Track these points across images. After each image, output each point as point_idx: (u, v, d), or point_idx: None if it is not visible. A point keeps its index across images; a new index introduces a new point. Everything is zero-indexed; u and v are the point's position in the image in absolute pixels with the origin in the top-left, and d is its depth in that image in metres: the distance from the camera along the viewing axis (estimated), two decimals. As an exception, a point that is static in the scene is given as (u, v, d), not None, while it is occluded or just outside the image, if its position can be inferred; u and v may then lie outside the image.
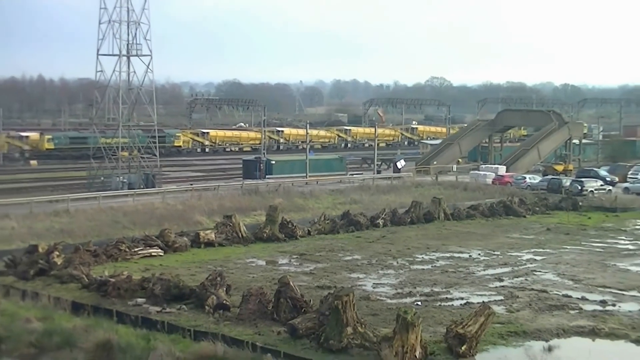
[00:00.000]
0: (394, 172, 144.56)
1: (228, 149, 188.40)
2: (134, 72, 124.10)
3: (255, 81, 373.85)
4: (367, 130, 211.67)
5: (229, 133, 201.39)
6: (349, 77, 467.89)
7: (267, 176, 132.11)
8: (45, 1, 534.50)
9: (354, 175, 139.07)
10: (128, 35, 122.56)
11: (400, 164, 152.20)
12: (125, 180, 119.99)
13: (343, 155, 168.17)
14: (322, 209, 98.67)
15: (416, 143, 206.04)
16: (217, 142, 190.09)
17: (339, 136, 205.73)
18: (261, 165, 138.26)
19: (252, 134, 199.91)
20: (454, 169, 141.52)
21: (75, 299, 59.04)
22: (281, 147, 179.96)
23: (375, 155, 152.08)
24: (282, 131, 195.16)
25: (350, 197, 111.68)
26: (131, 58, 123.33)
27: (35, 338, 50.33)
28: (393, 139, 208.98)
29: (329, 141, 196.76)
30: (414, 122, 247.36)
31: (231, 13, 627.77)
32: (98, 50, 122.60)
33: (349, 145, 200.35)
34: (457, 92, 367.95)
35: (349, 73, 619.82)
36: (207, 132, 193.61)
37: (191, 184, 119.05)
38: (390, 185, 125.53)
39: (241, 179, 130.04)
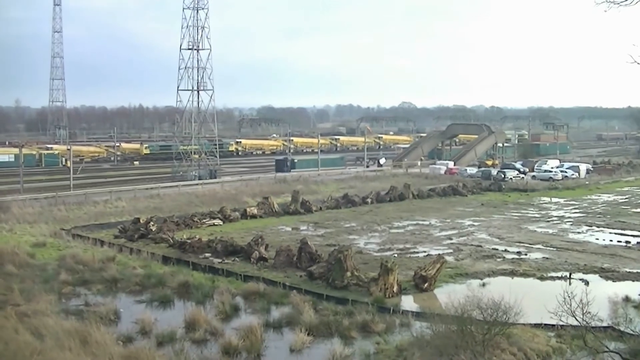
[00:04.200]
0: (377, 167, 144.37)
1: (255, 153, 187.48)
2: (202, 101, 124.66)
3: (283, 105, 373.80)
4: (352, 138, 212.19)
5: (255, 142, 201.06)
6: (347, 102, 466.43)
7: (291, 170, 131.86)
8: (146, 54, 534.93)
9: (350, 169, 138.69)
10: (197, 76, 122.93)
11: (382, 161, 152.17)
12: (196, 174, 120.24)
13: (343, 155, 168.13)
14: (328, 192, 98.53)
15: (392, 147, 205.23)
16: (247, 148, 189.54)
17: (331, 143, 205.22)
18: (288, 162, 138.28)
19: (271, 142, 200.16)
20: (419, 164, 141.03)
21: (164, 254, 59.23)
22: (291, 151, 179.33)
23: (365, 155, 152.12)
24: (292, 140, 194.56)
25: (348, 184, 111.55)
26: (200, 92, 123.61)
27: (139, 279, 50.52)
28: (374, 144, 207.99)
29: (325, 146, 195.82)
30: (390, 133, 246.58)
31: (269, 60, 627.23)
32: (178, 87, 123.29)
33: (337, 149, 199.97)
34: (419, 112, 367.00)
35: (347, 99, 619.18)
36: (240, 141, 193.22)
37: (241, 176, 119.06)
38: (375, 175, 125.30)
39: (274, 172, 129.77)
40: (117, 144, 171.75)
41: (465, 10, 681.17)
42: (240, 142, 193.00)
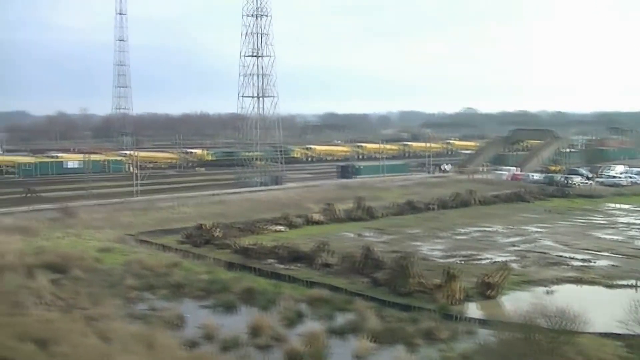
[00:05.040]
0: (441, 173, 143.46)
1: (324, 159, 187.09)
2: (265, 107, 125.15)
3: (346, 112, 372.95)
4: (422, 144, 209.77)
5: (325, 148, 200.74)
6: (409, 108, 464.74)
7: (355, 176, 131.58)
8: (209, 61, 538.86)
9: (414, 175, 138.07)
10: (259, 83, 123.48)
11: (446, 167, 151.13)
12: (260, 180, 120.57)
13: (406, 161, 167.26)
14: (392, 198, 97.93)
15: (454, 153, 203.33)
16: (319, 154, 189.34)
17: (400, 149, 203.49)
18: (352, 168, 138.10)
19: (341, 148, 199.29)
20: (482, 170, 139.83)
21: (228, 260, 59.45)
22: (361, 157, 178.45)
23: (429, 161, 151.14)
24: (363, 146, 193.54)
25: (412, 190, 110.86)
26: (262, 98, 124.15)
27: (204, 285, 50.85)
28: (439, 150, 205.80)
29: (395, 152, 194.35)
30: (453, 139, 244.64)
31: (332, 66, 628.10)
32: (240, 94, 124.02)
33: (408, 155, 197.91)
34: (482, 118, 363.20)
35: (409, 105, 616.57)
36: (312, 147, 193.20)
37: (304, 183, 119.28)
38: (439, 181, 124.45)
39: (338, 178, 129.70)
40: (191, 151, 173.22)
41: (528, 14, 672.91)
42: (311, 147, 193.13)
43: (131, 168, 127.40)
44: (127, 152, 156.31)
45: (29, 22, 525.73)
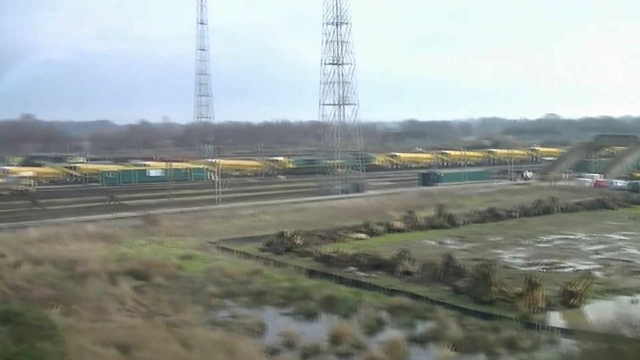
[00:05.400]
0: (523, 180, 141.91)
1: (408, 166, 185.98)
2: (346, 115, 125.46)
3: (427, 119, 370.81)
4: (506, 151, 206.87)
5: (410, 155, 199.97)
6: (490, 115, 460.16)
7: (436, 184, 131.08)
8: (290, 69, 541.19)
9: (495, 182, 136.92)
10: (340, 91, 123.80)
11: (528, 174, 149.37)
12: (341, 187, 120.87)
13: (488, 168, 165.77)
14: (474, 205, 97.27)
15: (538, 159, 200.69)
16: (403, 161, 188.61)
17: (484, 155, 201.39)
18: (433, 176, 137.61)
19: (425, 155, 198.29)
20: (565, 177, 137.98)
21: (309, 267, 59.60)
22: (445, 164, 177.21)
23: (511, 168, 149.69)
24: (447, 153, 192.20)
25: (494, 197, 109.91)
26: (343, 106, 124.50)
27: (284, 292, 51.10)
28: (523, 157, 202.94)
29: (479, 159, 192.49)
30: (535, 145, 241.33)
31: (412, 73, 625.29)
32: (321, 101, 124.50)
33: (492, 162, 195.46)
34: (564, 124, 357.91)
35: (490, 112, 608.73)
36: (397, 155, 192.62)
37: (386, 190, 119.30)
38: (521, 188, 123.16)
39: (419, 185, 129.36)
40: (276, 159, 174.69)
41: (611, 16, 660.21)
42: (396, 155, 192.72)
43: (213, 176, 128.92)
44: (213, 160, 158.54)
45: (111, 34, 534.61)
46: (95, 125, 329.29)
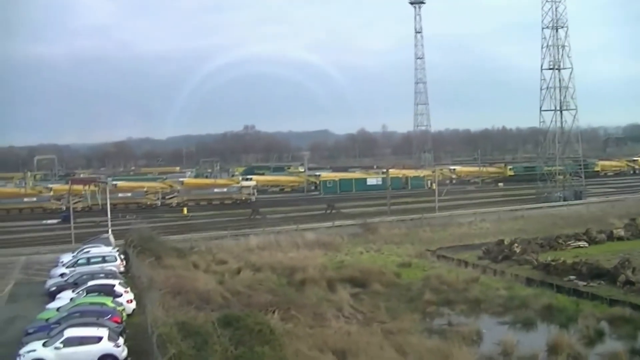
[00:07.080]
0: None
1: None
2: (565, 121, 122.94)
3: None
4: None
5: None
6: None
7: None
8: (507, 76, 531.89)
9: None
10: (559, 96, 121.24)
11: None
12: (561, 195, 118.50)
13: None
14: None
15: None
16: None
17: None
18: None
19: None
20: None
21: (528, 276, 58.68)
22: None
23: None
24: None
25: None
26: (562, 112, 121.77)
27: (502, 301, 50.68)
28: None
29: None
30: None
31: (636, 77, 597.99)
32: (540, 108, 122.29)
33: None
34: None
35: None
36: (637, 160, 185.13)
37: (607, 197, 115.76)
38: None
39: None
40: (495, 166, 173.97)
41: None
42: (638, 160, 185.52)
43: (432, 184, 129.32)
44: (453, 167, 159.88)
45: (334, 46, 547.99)
46: (314, 135, 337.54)
